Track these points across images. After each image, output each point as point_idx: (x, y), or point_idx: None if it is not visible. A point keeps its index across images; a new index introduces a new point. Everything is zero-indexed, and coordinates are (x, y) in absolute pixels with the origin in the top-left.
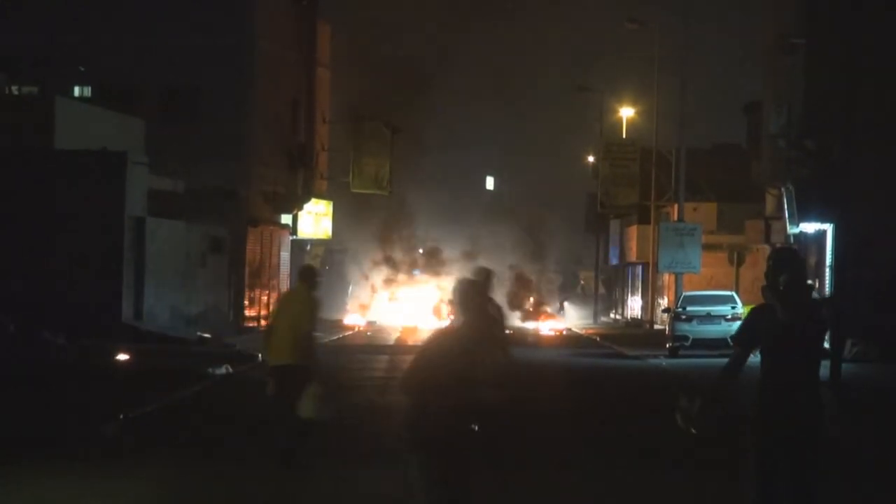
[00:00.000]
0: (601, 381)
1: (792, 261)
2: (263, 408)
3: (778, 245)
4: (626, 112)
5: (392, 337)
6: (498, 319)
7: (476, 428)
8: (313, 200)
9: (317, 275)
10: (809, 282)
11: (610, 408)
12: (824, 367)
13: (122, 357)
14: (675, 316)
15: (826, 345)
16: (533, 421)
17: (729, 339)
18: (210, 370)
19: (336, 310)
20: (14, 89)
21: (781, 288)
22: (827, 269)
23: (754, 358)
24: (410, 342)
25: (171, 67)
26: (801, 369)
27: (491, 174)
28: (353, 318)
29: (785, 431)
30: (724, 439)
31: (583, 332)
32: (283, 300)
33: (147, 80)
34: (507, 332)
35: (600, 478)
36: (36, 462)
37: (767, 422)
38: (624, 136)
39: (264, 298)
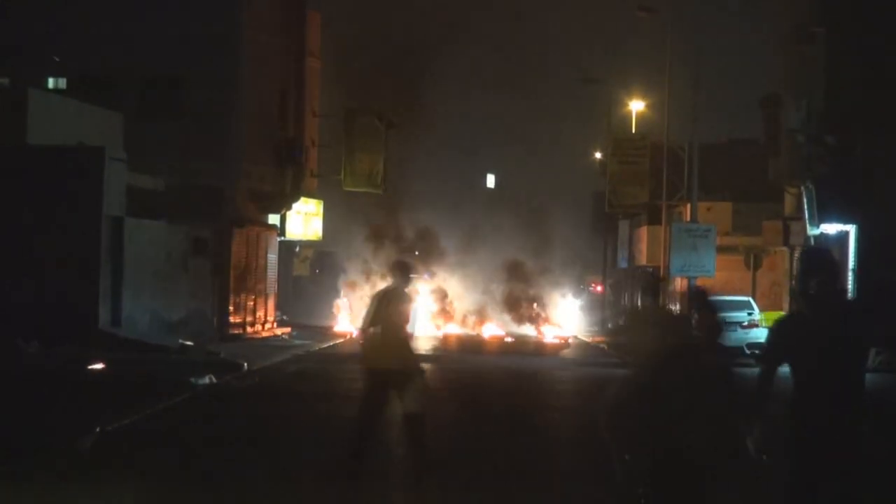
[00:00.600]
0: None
1: (824, 263)
2: (249, 420)
3: (798, 247)
4: (636, 105)
5: None
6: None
7: None
8: (303, 199)
9: (410, 269)
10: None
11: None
12: None
13: (99, 366)
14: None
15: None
16: (537, 432)
17: (745, 348)
18: (193, 380)
19: (326, 316)
20: None
21: (812, 293)
22: (849, 273)
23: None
24: None
25: (152, 57)
26: (836, 384)
27: (491, 171)
28: (345, 324)
29: (822, 451)
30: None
31: (589, 339)
32: (380, 300)
33: (126, 71)
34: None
35: (606, 489)
36: (5, 477)
37: (802, 441)
38: (633, 130)
39: (250, 303)
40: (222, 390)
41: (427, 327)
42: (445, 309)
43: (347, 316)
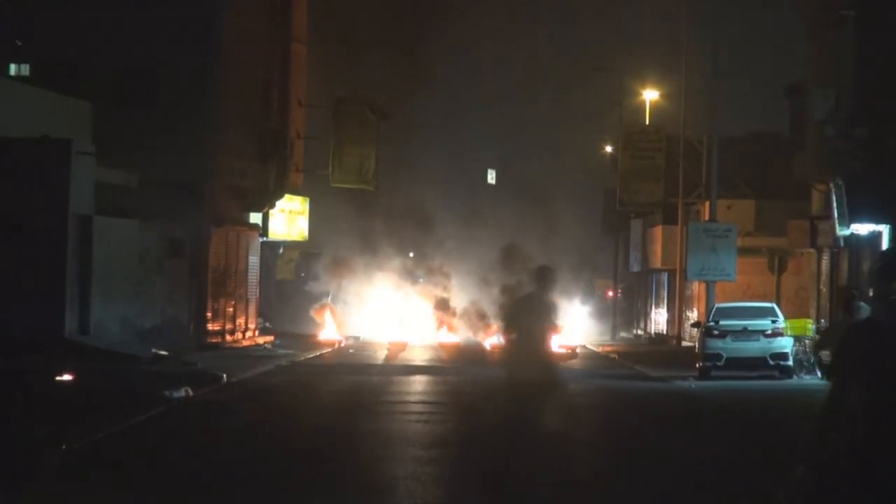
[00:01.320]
0: (620, 407)
1: None
2: (229, 436)
3: (825, 248)
4: (650, 95)
5: (379, 355)
6: None
7: None
8: (287, 196)
9: (553, 275)
10: None
11: (631, 437)
12: None
13: (66, 377)
14: (707, 331)
15: None
16: (551, 452)
17: (768, 359)
18: (167, 393)
19: (312, 323)
20: None
21: (893, 297)
22: None
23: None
24: (400, 361)
25: (124, 43)
26: None
27: (492, 167)
28: (331, 332)
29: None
30: None
31: (599, 349)
32: (520, 307)
33: (96, 58)
34: None
35: None
36: None
37: (865, 479)
38: (647, 122)
39: (230, 310)
40: (199, 404)
41: (426, 336)
42: (447, 316)
43: (333, 322)
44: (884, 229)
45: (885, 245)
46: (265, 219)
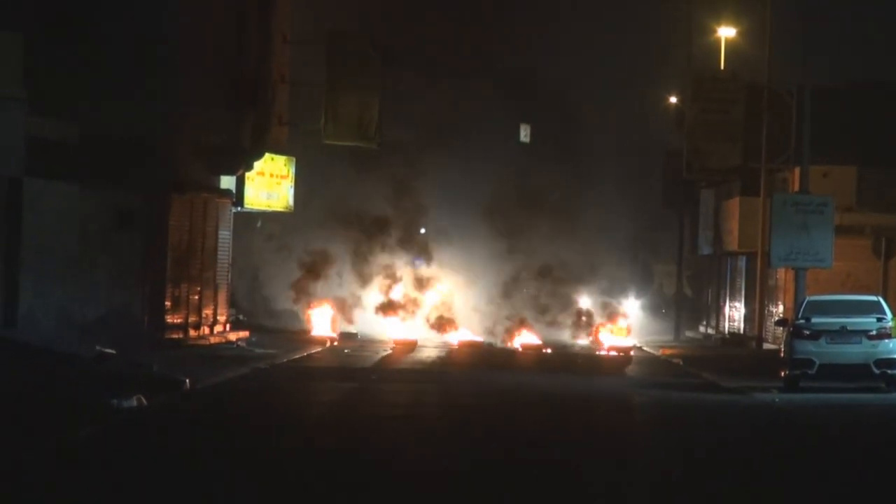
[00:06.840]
0: (685, 427)
1: None
2: (192, 459)
3: None
4: (726, 32)
5: (381, 356)
6: None
7: None
8: (267, 156)
9: None
10: None
11: (701, 469)
12: None
13: None
14: (795, 331)
15: None
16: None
17: (872, 366)
18: (115, 401)
19: (296, 317)
20: None
21: None
22: None
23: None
24: (403, 362)
25: None
26: None
27: (526, 121)
28: (324, 327)
29: None
30: None
31: (659, 352)
32: None
33: None
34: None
35: None
36: None
37: None
38: (722, 67)
39: (194, 298)
40: (155, 416)
41: (439, 334)
42: (445, 309)
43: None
44: None
45: None
46: (240, 183)
